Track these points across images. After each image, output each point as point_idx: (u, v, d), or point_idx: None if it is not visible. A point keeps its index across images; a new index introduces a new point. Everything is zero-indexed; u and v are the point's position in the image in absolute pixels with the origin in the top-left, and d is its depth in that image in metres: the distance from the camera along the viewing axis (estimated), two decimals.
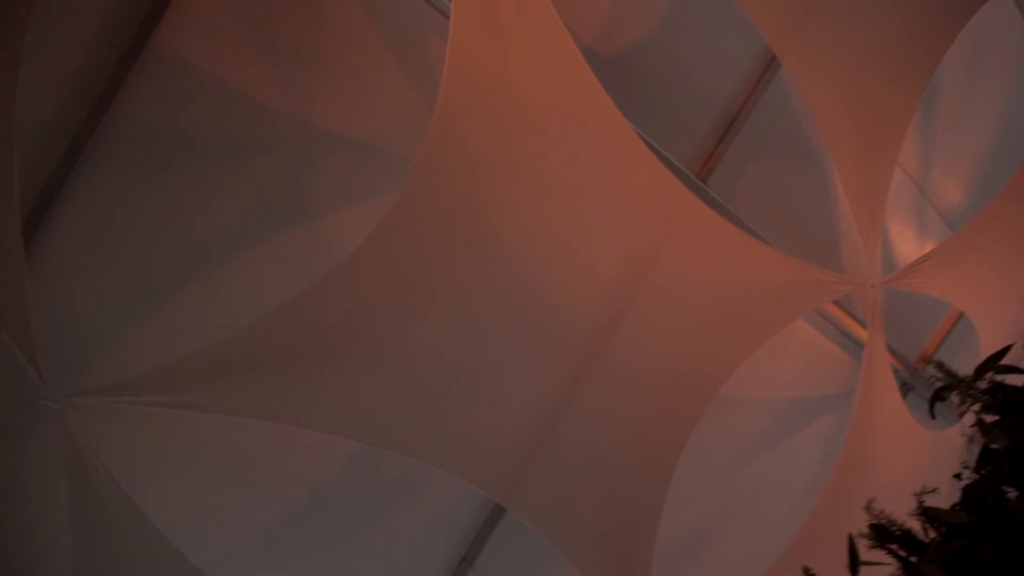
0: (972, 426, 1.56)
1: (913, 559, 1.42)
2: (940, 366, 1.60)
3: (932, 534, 1.43)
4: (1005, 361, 1.59)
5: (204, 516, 2.44)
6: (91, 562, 2.13)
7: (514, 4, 2.17)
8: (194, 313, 2.35)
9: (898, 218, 3.60)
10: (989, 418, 1.54)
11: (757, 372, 2.90)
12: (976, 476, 1.49)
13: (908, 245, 3.63)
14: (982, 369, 1.56)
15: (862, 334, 3.23)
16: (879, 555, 1.46)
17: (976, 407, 1.54)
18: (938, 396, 1.65)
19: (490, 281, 2.36)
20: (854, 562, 1.44)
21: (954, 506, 1.45)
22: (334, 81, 2.56)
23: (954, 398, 1.62)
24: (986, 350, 1.78)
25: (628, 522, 2.68)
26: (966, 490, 1.47)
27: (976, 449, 1.54)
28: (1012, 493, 1.43)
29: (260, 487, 2.55)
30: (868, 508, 1.47)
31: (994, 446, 1.50)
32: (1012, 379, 1.56)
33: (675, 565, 3.15)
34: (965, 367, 1.61)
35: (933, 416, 1.73)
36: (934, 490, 1.47)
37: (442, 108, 2.12)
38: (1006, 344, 1.67)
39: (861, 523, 1.47)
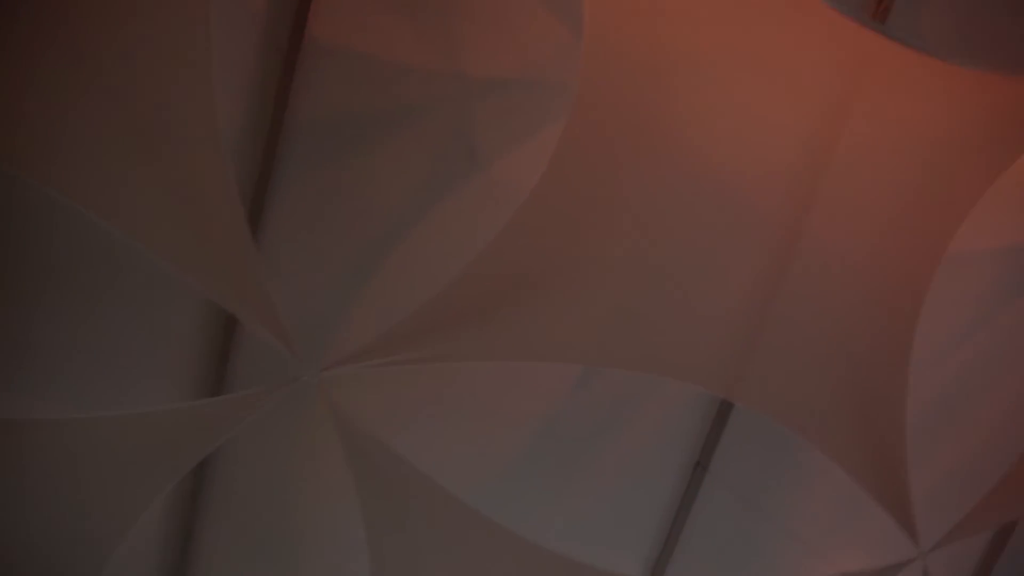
0: None
1: None
2: None
3: None
4: None
5: (458, 462, 2.65)
6: (382, 525, 2.36)
7: None
8: (404, 274, 2.52)
9: None
10: None
11: (989, 218, 2.62)
12: None
13: None
14: None
15: None
16: None
17: None
18: None
19: (675, 180, 2.30)
20: None
21: None
22: (475, 26, 2.58)
23: None
24: None
25: (871, 396, 2.55)
26: None
27: None
28: None
29: (500, 426, 2.73)
30: None
31: None
32: None
33: (929, 434, 2.98)
34: None
35: None
36: None
37: (591, 18, 2.07)
38: None
39: None
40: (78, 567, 2.45)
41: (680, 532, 3.08)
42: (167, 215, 1.98)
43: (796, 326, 2.54)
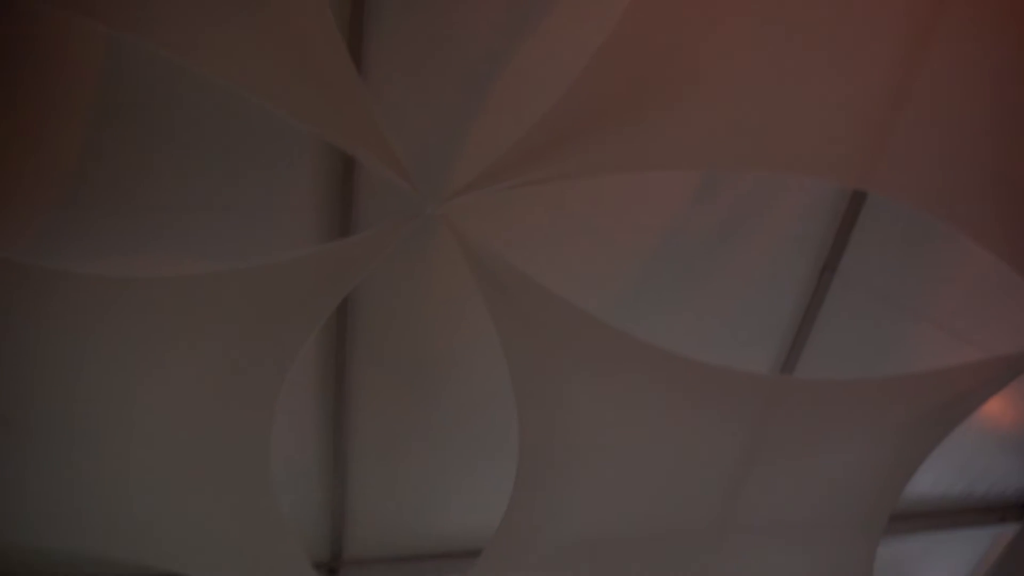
0: None
1: None
2: None
3: None
4: None
5: (586, 278, 2.70)
6: (518, 346, 2.44)
7: None
8: (512, 97, 2.45)
9: None
10: None
11: None
12: None
13: None
14: None
15: None
16: None
17: None
18: None
19: None
20: None
21: None
22: None
23: None
24: None
25: (1013, 174, 2.34)
26: None
27: None
28: None
29: (625, 241, 2.73)
30: None
31: None
32: None
33: None
34: None
35: None
36: None
37: None
38: None
39: None
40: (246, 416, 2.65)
41: (809, 332, 3.07)
42: (274, 61, 1.96)
43: (935, 106, 2.31)
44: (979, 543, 4.27)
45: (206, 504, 2.66)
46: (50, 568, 3.29)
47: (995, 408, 3.54)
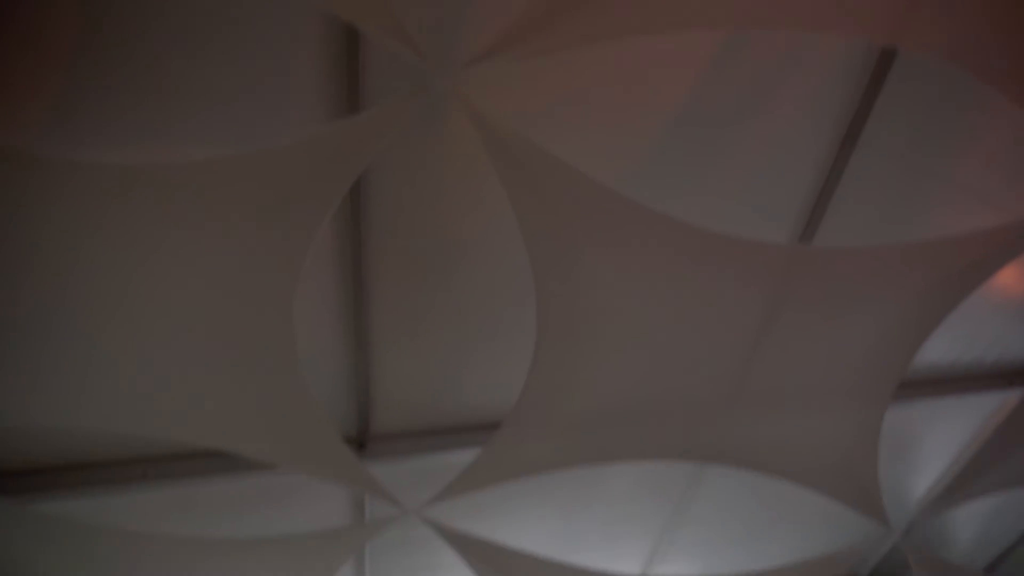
0: None
1: None
2: None
3: None
4: None
5: (603, 150, 2.64)
6: (535, 221, 2.42)
7: None
8: None
9: None
10: None
11: None
12: None
13: None
14: None
15: None
16: None
17: None
18: None
19: None
20: None
21: None
22: None
23: None
24: None
25: None
26: None
27: None
28: None
29: (642, 111, 2.65)
30: None
31: None
32: None
33: None
34: None
35: None
36: None
37: None
38: None
39: None
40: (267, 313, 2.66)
41: (830, 198, 3.03)
42: None
43: None
44: (984, 408, 4.39)
45: (236, 384, 2.76)
46: (85, 450, 3.48)
47: (1008, 276, 3.54)
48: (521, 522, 4.43)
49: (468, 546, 3.34)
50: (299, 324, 2.64)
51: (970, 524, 5.34)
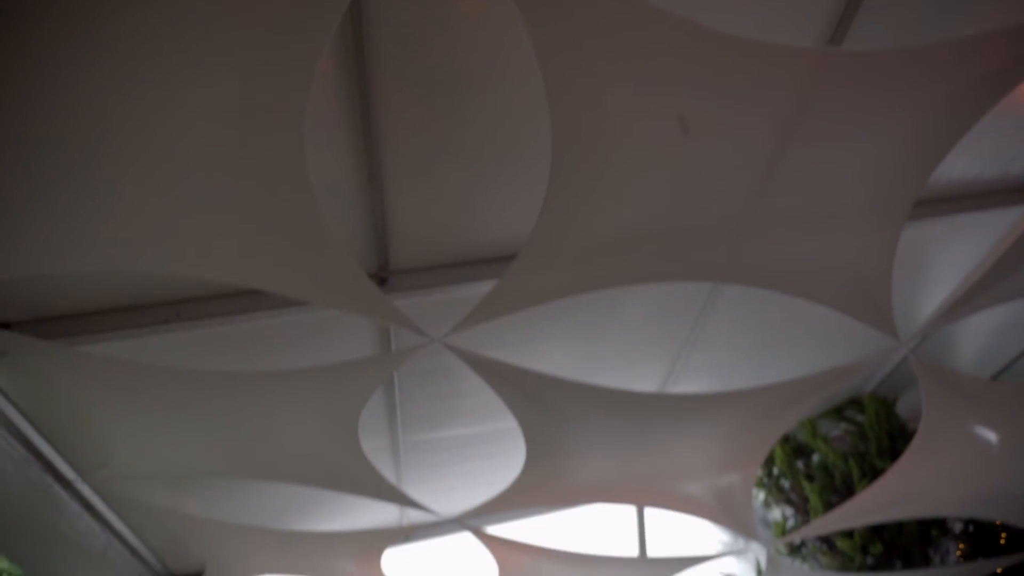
0: None
1: None
2: None
3: None
4: None
5: None
6: (551, 44, 2.28)
7: None
8: None
9: None
10: None
11: None
12: None
13: None
14: None
15: None
16: None
17: None
18: None
19: None
20: None
21: None
22: None
23: None
24: None
25: None
26: None
27: None
28: None
29: None
30: None
31: None
32: None
33: None
34: None
35: None
36: None
37: None
38: None
39: None
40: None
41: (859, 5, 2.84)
42: None
43: None
44: (1006, 223, 4.37)
45: (256, 223, 2.78)
46: (122, 295, 3.61)
47: None
48: (540, 348, 4.63)
49: (490, 370, 3.51)
50: (311, 164, 2.61)
51: (978, 337, 5.51)
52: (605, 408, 3.80)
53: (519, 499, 4.94)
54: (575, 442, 4.15)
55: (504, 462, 5.01)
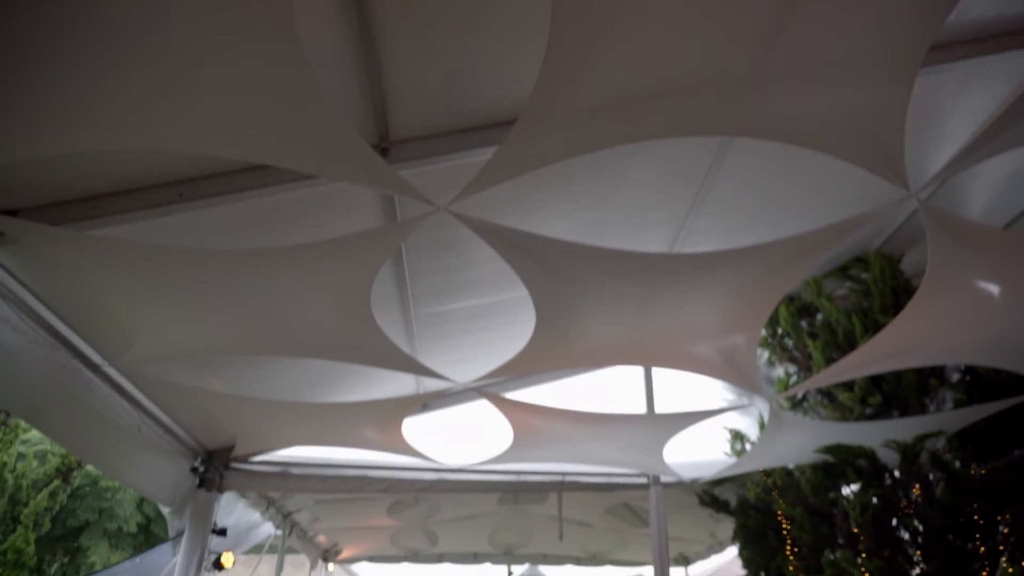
0: None
1: None
2: None
3: None
4: None
5: None
6: None
7: None
8: None
9: None
10: None
11: None
12: None
13: None
14: None
15: None
16: None
17: None
18: None
19: None
20: None
21: None
22: None
23: None
24: None
25: None
26: None
27: None
28: None
29: None
30: None
31: None
32: None
33: None
34: None
35: None
36: None
37: None
38: None
39: None
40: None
41: None
42: None
43: None
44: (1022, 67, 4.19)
45: (254, 96, 2.71)
46: (111, 179, 3.59)
47: None
48: (545, 218, 4.63)
49: (497, 237, 3.52)
50: (304, 33, 2.50)
51: (987, 189, 5.45)
52: (613, 269, 3.84)
53: (531, 364, 5.11)
54: (583, 306, 4.23)
55: (515, 331, 5.15)
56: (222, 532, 7.41)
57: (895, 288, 5.91)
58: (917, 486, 5.87)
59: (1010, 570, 5.49)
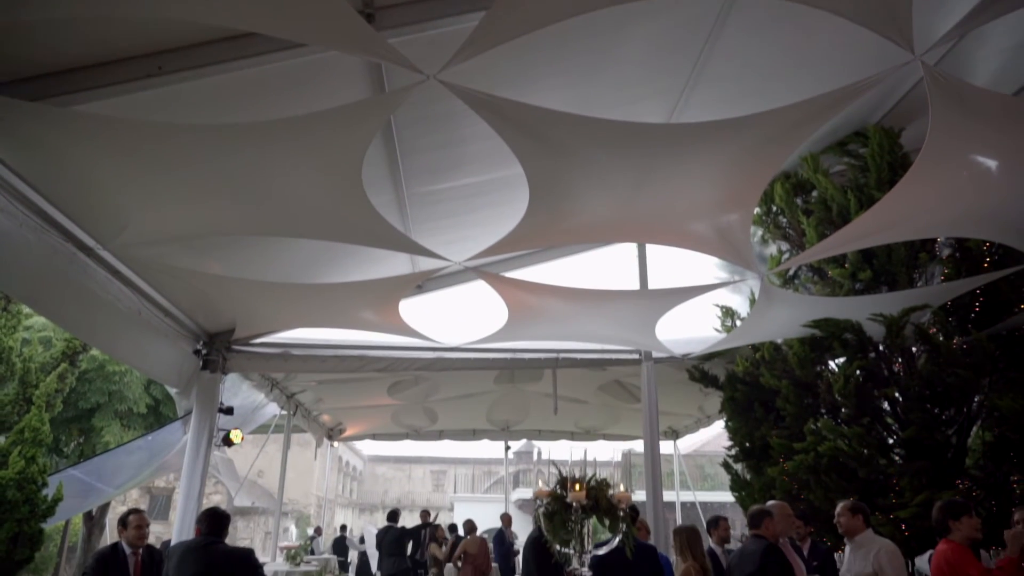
0: None
1: None
2: None
3: None
4: None
5: None
6: None
7: None
8: None
9: None
10: None
11: None
12: None
13: None
14: None
15: None
16: None
17: None
18: None
19: None
20: None
21: None
22: None
23: None
24: None
25: None
26: None
27: None
28: None
29: None
30: None
31: None
32: None
33: None
34: None
35: None
36: None
37: None
38: None
39: None
40: None
41: None
42: None
43: None
44: None
45: None
46: (86, 50, 3.44)
47: None
48: (537, 90, 4.49)
49: (489, 108, 3.43)
50: None
51: (994, 58, 5.28)
52: (607, 141, 3.77)
53: (526, 241, 5.12)
54: (578, 180, 4.18)
55: (509, 211, 5.12)
56: (228, 411, 7.69)
57: (893, 163, 5.85)
58: (900, 359, 6.06)
59: (982, 436, 5.78)
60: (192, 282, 5.81)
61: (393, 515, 11.27)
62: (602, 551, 4.44)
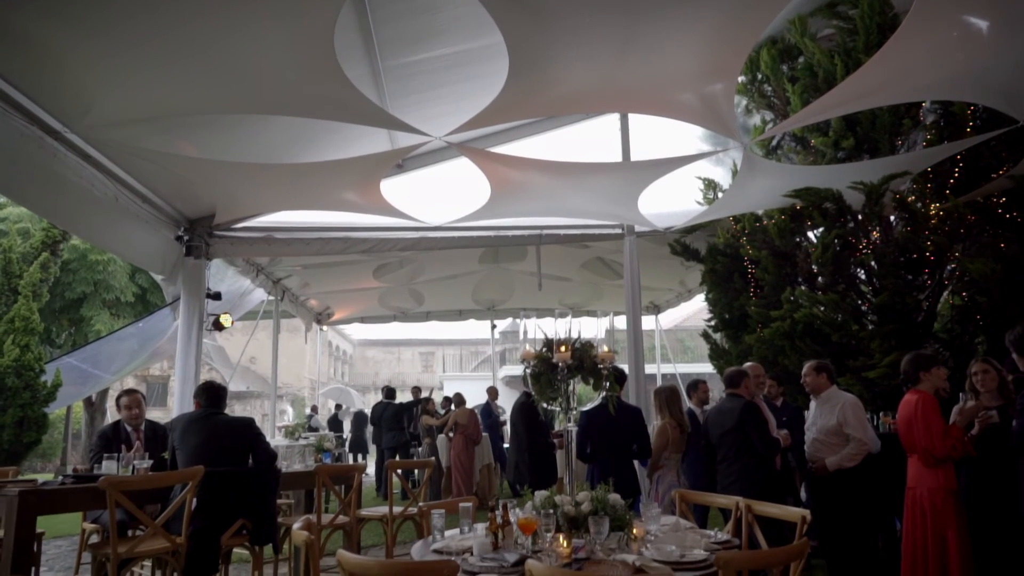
0: None
1: None
2: None
3: None
4: None
5: None
6: None
7: None
8: None
9: None
10: None
11: None
12: None
13: None
14: None
15: None
16: None
17: None
18: None
19: None
20: None
21: None
22: None
23: None
24: None
25: None
26: None
27: None
28: None
29: None
30: None
31: None
32: None
33: None
34: None
35: None
36: None
37: None
38: None
39: None
40: None
41: None
42: None
43: None
44: None
45: None
46: None
47: None
48: None
49: None
50: None
51: None
52: (590, 3, 3.62)
53: (506, 113, 5.01)
54: (559, 48, 4.05)
55: (488, 83, 4.97)
56: (216, 296, 7.75)
57: (883, 25, 5.68)
58: (878, 227, 6.15)
59: (951, 300, 5.97)
60: (167, 165, 5.68)
61: (390, 392, 11.72)
62: (587, 406, 4.68)
